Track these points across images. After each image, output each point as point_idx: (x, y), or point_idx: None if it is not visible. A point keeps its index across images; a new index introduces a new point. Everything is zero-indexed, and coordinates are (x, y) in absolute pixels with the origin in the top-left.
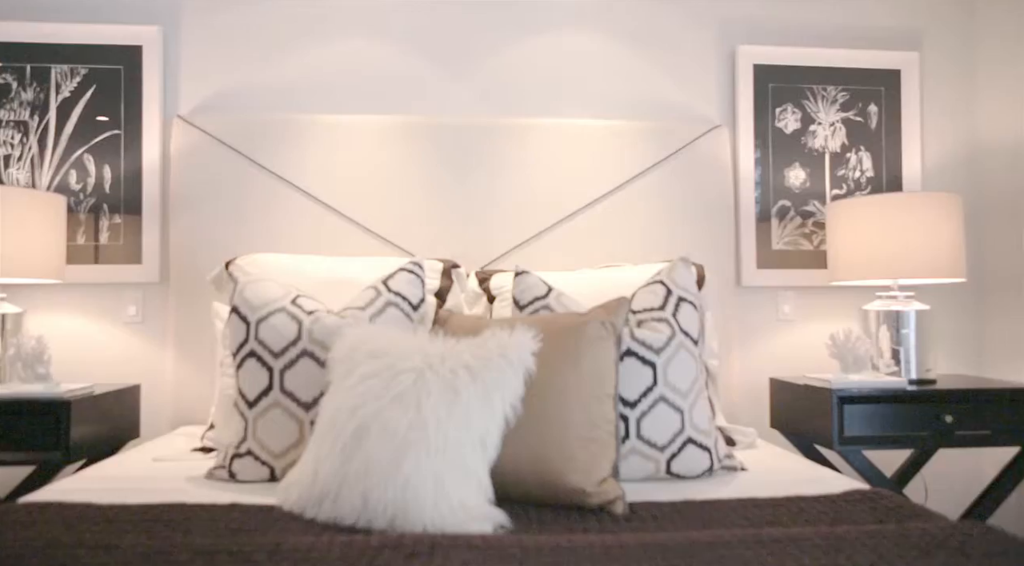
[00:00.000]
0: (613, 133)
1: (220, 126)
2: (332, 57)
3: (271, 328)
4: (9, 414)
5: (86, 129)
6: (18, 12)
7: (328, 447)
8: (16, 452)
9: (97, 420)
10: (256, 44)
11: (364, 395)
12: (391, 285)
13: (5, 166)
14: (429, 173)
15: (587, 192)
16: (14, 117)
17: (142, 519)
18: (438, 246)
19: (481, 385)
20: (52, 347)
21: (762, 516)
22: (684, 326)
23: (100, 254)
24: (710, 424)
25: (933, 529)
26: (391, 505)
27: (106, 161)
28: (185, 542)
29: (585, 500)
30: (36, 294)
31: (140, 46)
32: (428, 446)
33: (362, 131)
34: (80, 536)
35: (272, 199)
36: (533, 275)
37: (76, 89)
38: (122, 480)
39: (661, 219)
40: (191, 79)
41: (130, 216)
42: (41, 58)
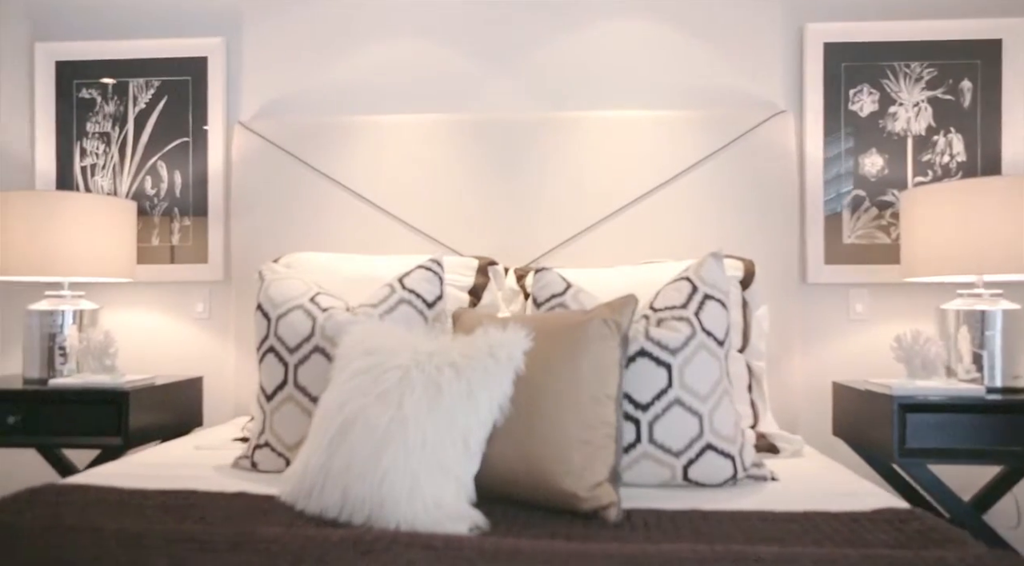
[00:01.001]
0: (665, 124)
1: (276, 130)
2: (380, 59)
3: (288, 325)
4: (77, 402)
5: (159, 138)
6: (100, 32)
7: (317, 441)
8: (83, 437)
9: (157, 409)
10: (310, 50)
11: (352, 391)
12: (406, 283)
13: (92, 174)
14: (475, 170)
15: (637, 186)
16: (98, 129)
17: (145, 504)
18: (483, 243)
19: (465, 383)
20: (123, 341)
21: (766, 531)
22: (707, 325)
23: (171, 254)
24: (734, 430)
25: (952, 558)
26: (368, 500)
27: (177, 167)
28: (159, 528)
29: (577, 505)
30: (111, 292)
31: (205, 57)
32: (406, 443)
33: (409, 130)
34: (77, 518)
35: (323, 199)
36: (552, 272)
37: (151, 100)
38: (155, 466)
39: (717, 212)
40: (251, 86)
41: (198, 218)
42: (120, 73)
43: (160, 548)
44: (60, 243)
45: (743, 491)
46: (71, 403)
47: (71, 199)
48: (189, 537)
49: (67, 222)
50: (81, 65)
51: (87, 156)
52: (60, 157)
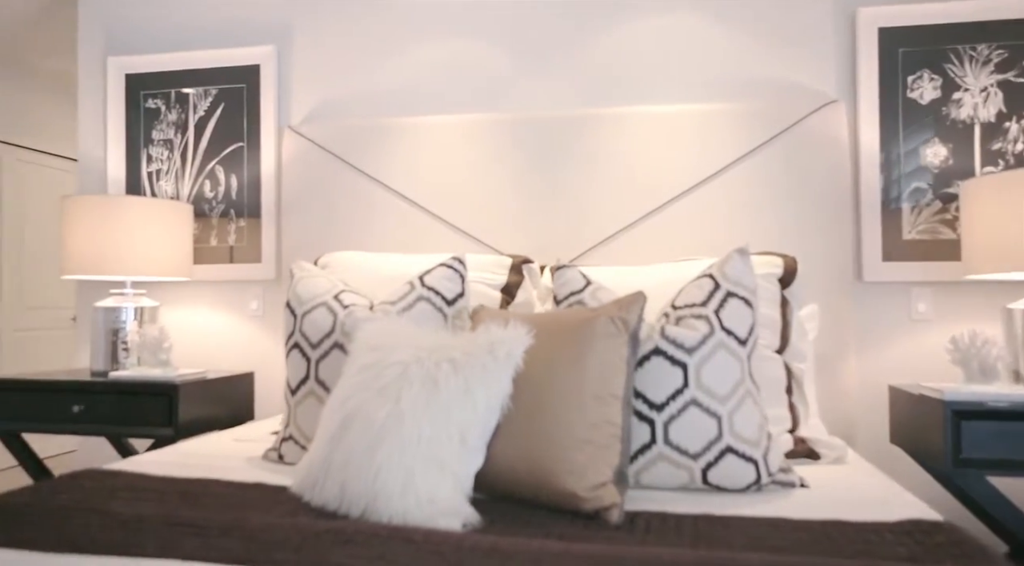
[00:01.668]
0: (709, 118)
1: (323, 133)
2: (421, 61)
3: (312, 321)
4: (133, 394)
5: (217, 143)
6: (162, 45)
7: (321, 435)
8: (138, 427)
9: (208, 402)
10: (354, 55)
11: (355, 386)
12: (426, 280)
13: (157, 179)
14: (515, 169)
15: (680, 182)
16: (163, 136)
17: (167, 490)
18: (525, 242)
19: (463, 379)
20: (182, 337)
21: (771, 539)
22: (727, 324)
23: (230, 254)
24: (758, 433)
25: None
26: (364, 494)
27: (233, 171)
28: (163, 513)
29: (579, 505)
30: (172, 290)
31: (258, 65)
32: (401, 438)
33: (449, 131)
34: (98, 501)
35: (366, 199)
36: (573, 269)
37: (209, 108)
38: (193, 456)
39: (763, 208)
40: (300, 91)
41: (252, 219)
42: (182, 83)
43: (156, 531)
44: (122, 245)
45: (766, 497)
46: (127, 394)
47: (131, 203)
48: (186, 522)
49: (128, 225)
50: (147, 77)
51: (153, 162)
52: (129, 163)
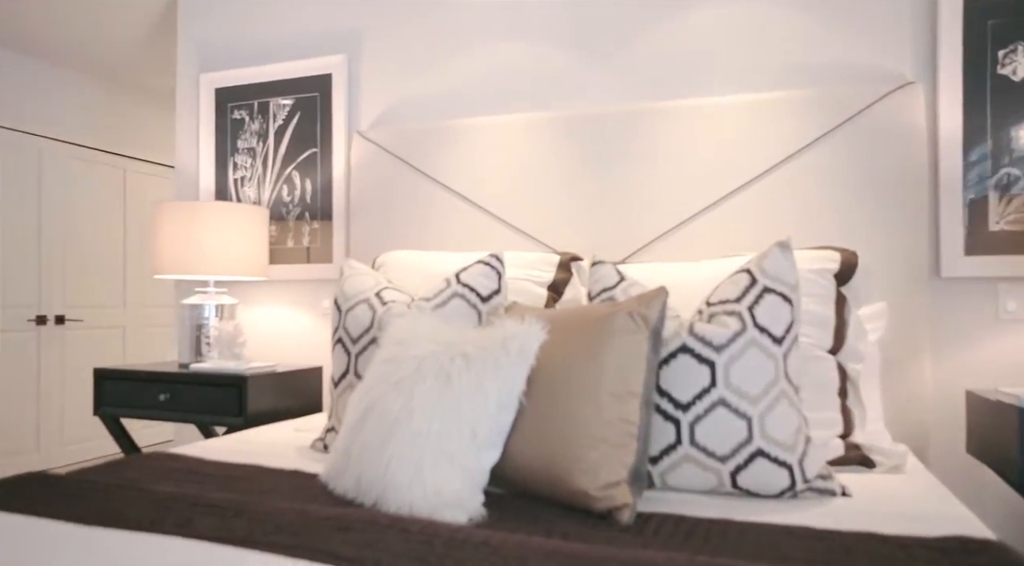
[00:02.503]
0: (769, 106)
1: (388, 137)
2: (478, 64)
3: (354, 317)
4: (209, 384)
5: (294, 149)
6: (246, 60)
7: (345, 426)
8: (212, 416)
9: (276, 394)
10: (417, 62)
11: (377, 379)
12: (462, 277)
13: (242, 185)
14: (571, 166)
15: (739, 175)
16: (246, 145)
17: (212, 474)
18: (580, 239)
19: (475, 374)
20: (260, 333)
21: (783, 548)
22: (761, 321)
23: (307, 255)
24: (794, 437)
25: None
26: (376, 484)
27: (307, 175)
28: (192, 493)
29: (590, 504)
30: (250, 289)
31: (330, 74)
32: (412, 430)
33: (505, 130)
34: (147, 481)
35: (427, 200)
36: (607, 266)
37: (286, 117)
38: (249, 443)
39: (828, 200)
40: (369, 98)
41: (324, 221)
42: (262, 94)
43: (179, 510)
44: (204, 247)
45: (799, 505)
46: (204, 385)
47: (213, 208)
48: (208, 503)
49: (209, 228)
50: (234, 90)
51: (238, 169)
52: (218, 171)
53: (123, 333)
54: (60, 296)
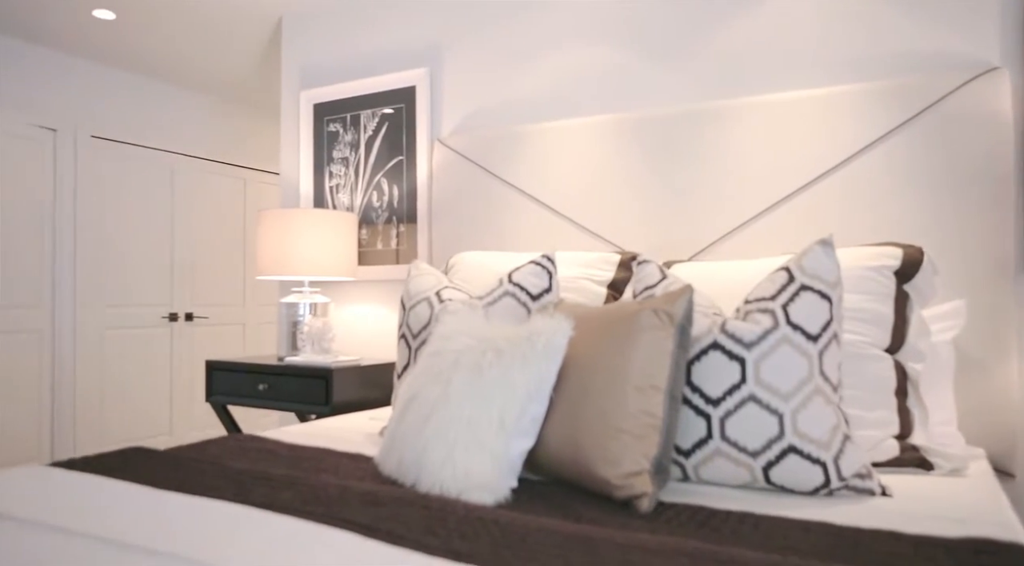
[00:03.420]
0: (838, 100)
1: (466, 144)
2: (549, 70)
3: (415, 314)
4: (300, 376)
5: (382, 158)
6: (340, 77)
7: (393, 413)
8: (303, 405)
9: (359, 385)
10: (493, 71)
11: (420, 371)
12: (514, 277)
13: (337, 192)
14: (637, 167)
15: (808, 171)
16: (341, 155)
17: (284, 455)
18: (648, 238)
19: (504, 367)
20: (350, 329)
21: (790, 541)
22: (794, 318)
23: (396, 256)
24: (829, 435)
25: None
26: (414, 466)
27: (395, 182)
28: (258, 469)
29: (612, 492)
30: (342, 289)
31: (414, 86)
32: (446, 417)
33: (574, 134)
34: (227, 457)
35: (502, 202)
36: (651, 264)
37: (375, 127)
38: (327, 429)
39: (901, 194)
40: (449, 107)
41: (410, 224)
42: (354, 108)
43: (241, 481)
44: (299, 250)
45: (833, 503)
46: (297, 376)
47: (307, 214)
48: (267, 477)
49: (303, 233)
50: (329, 104)
51: (333, 177)
52: (316, 179)
53: (243, 329)
54: (189, 296)
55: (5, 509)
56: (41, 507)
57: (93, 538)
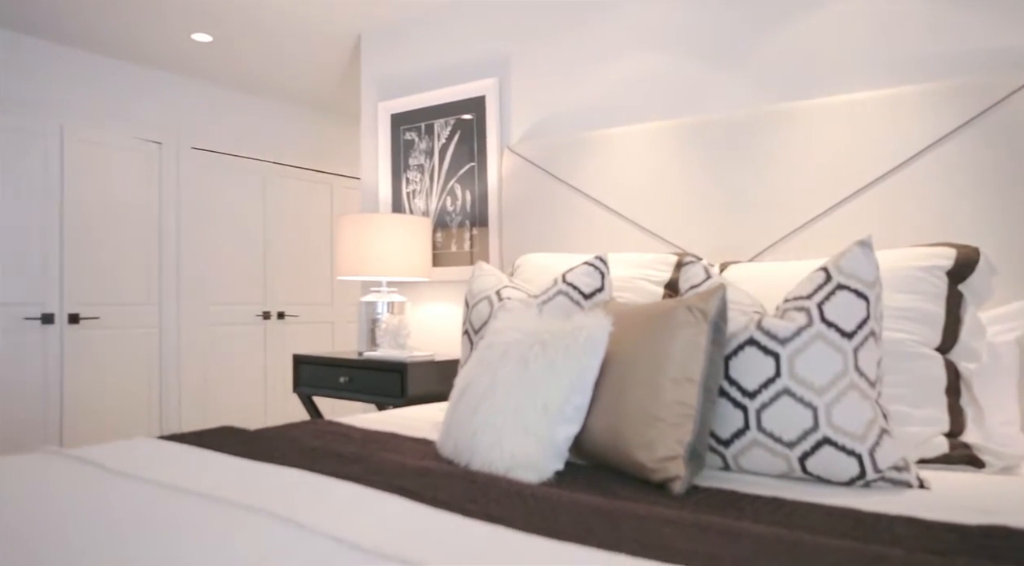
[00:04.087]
0: (898, 101)
1: (533, 150)
2: (612, 77)
3: (477, 312)
4: (378, 370)
5: (455, 165)
6: (415, 88)
7: (449, 401)
8: (380, 397)
9: (432, 379)
10: (558, 80)
11: (474, 362)
12: (567, 277)
13: (413, 198)
14: (698, 170)
15: (868, 173)
16: (416, 162)
17: (352, 436)
18: (706, 240)
19: (548, 359)
20: (426, 327)
21: (811, 522)
22: (829, 316)
23: (470, 258)
24: (865, 428)
25: None
26: (466, 448)
27: (467, 188)
28: (331, 447)
29: (647, 475)
30: (418, 289)
31: (484, 96)
32: (494, 405)
33: (637, 139)
34: (306, 438)
35: (567, 206)
36: (698, 265)
37: (448, 135)
38: (400, 417)
39: (965, 194)
40: (517, 115)
41: (482, 228)
42: (429, 117)
43: (311, 455)
44: (376, 252)
45: (867, 492)
46: (375, 370)
47: (384, 218)
48: (335, 453)
49: (379, 236)
50: (405, 114)
51: (410, 184)
52: (393, 185)
53: (332, 327)
54: (282, 295)
55: (126, 470)
56: (153, 469)
57: (193, 493)
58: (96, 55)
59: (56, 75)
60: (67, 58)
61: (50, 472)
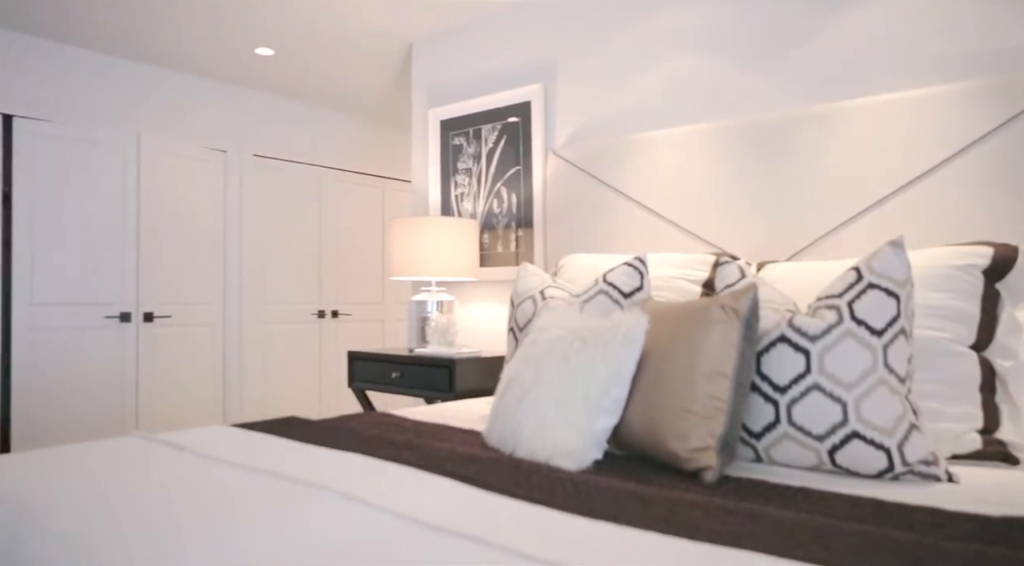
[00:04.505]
0: (934, 101)
1: (576, 154)
2: (653, 81)
3: (522, 310)
4: (427, 366)
5: (501, 168)
6: (462, 94)
7: (496, 393)
8: (430, 391)
9: (480, 375)
10: (601, 85)
11: (519, 357)
12: (608, 277)
13: (461, 201)
14: (737, 172)
15: (906, 172)
16: (464, 166)
17: (405, 426)
18: (745, 240)
19: (587, 355)
20: (474, 325)
21: (832, 509)
22: (859, 314)
23: (510, 258)
24: (893, 423)
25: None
26: (510, 438)
27: (513, 190)
28: (382, 435)
29: (681, 464)
30: (466, 288)
31: (529, 101)
32: (538, 397)
33: (677, 141)
34: (363, 428)
35: (609, 207)
36: (733, 264)
37: (495, 140)
38: (447, 410)
39: (1003, 195)
40: (562, 120)
41: (527, 229)
42: (476, 122)
43: (370, 443)
44: (427, 253)
45: (894, 485)
46: (424, 366)
47: (433, 221)
48: (392, 441)
49: (429, 238)
50: (454, 120)
51: (458, 187)
52: (443, 188)
53: (383, 325)
54: (335, 295)
55: (209, 452)
56: (232, 452)
57: (268, 473)
58: (169, 70)
59: (134, 89)
60: (144, 74)
61: (146, 453)
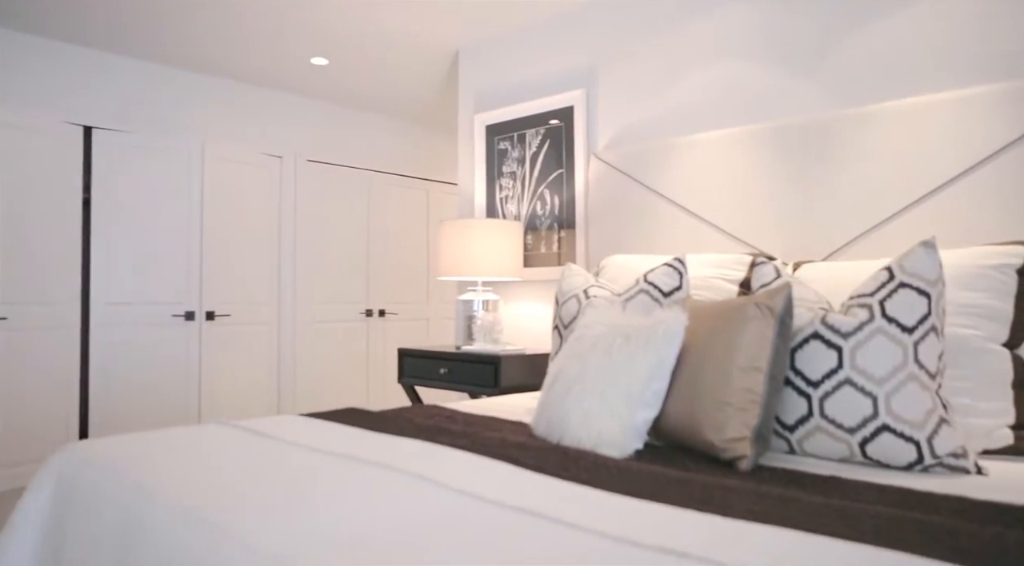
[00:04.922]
0: (972, 102)
1: (617, 157)
2: (695, 86)
3: (566, 308)
4: (474, 362)
5: (545, 171)
6: (508, 100)
7: (543, 386)
8: (475, 387)
9: (523, 371)
10: (642, 89)
11: (565, 352)
12: (648, 277)
13: (506, 203)
14: (775, 173)
15: (941, 173)
16: (509, 169)
17: (456, 417)
18: (783, 241)
19: (629, 350)
20: (519, 323)
21: (855, 495)
22: (890, 312)
23: (553, 258)
24: (923, 416)
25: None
26: (557, 427)
27: (556, 192)
28: (437, 424)
29: (717, 453)
30: (511, 287)
31: (572, 106)
32: (583, 389)
33: (716, 144)
34: (417, 418)
35: (650, 209)
36: (769, 265)
37: (539, 144)
38: (495, 404)
39: None
40: (603, 124)
41: (570, 230)
42: (521, 127)
43: (427, 431)
44: (473, 254)
45: (923, 476)
46: (471, 362)
47: (479, 223)
48: (447, 430)
49: (476, 240)
50: (499, 125)
51: (503, 190)
52: (488, 191)
53: (427, 323)
54: (382, 294)
55: (279, 435)
56: (305, 437)
57: (342, 455)
58: (230, 80)
59: (199, 99)
60: (208, 85)
61: (231, 438)
